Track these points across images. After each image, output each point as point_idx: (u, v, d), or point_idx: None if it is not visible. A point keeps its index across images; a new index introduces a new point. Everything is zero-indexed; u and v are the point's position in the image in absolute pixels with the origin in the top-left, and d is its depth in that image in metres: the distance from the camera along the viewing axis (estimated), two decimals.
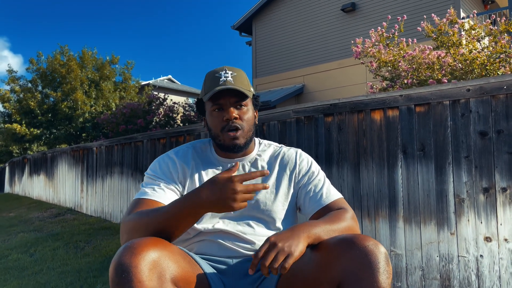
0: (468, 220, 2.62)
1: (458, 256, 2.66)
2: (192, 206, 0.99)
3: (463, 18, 8.43)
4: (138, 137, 6.74)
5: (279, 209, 1.23)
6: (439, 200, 2.77)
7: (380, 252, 0.90)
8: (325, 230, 1.02)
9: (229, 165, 1.26)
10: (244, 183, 0.96)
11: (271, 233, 1.20)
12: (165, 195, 1.20)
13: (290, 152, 1.36)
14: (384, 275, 0.88)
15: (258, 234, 1.19)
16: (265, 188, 1.00)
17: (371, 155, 3.20)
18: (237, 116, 1.22)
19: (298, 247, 0.93)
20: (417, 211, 2.89)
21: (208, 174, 1.25)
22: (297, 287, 1.00)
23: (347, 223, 1.11)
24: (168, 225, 1.01)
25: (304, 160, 1.34)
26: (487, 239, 2.53)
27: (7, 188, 18.93)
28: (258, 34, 13.41)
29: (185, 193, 1.21)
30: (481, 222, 2.55)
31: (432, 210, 2.81)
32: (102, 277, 4.18)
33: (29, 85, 14.10)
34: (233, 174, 0.97)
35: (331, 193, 1.25)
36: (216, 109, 1.23)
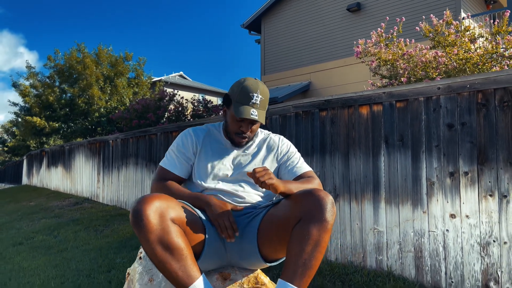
0: (437, 200, 3.04)
1: (429, 231, 3.08)
2: (197, 203, 1.59)
3: (463, 18, 8.75)
4: (152, 130, 7.24)
5: None
6: (414, 184, 3.20)
7: (329, 199, 1.34)
8: (296, 187, 1.47)
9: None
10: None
11: (257, 191, 1.65)
12: (179, 166, 1.68)
13: (275, 137, 1.80)
14: (330, 213, 1.32)
15: (248, 192, 1.64)
16: (235, 233, 1.51)
17: (358, 146, 3.63)
18: (250, 131, 1.67)
19: (279, 185, 1.39)
20: (396, 193, 3.32)
21: (214, 149, 1.70)
22: (274, 222, 1.44)
23: (313, 185, 1.55)
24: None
25: (285, 144, 1.78)
26: (452, 216, 2.95)
27: (25, 180, 19.68)
28: (266, 33, 13.83)
29: (196, 160, 1.68)
30: (448, 202, 2.98)
31: (408, 193, 3.23)
32: (121, 253, 4.68)
33: (47, 80, 14.74)
34: (230, 209, 1.55)
35: (303, 167, 1.69)
36: (239, 121, 1.65)
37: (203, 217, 1.55)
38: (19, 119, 16.81)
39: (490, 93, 2.78)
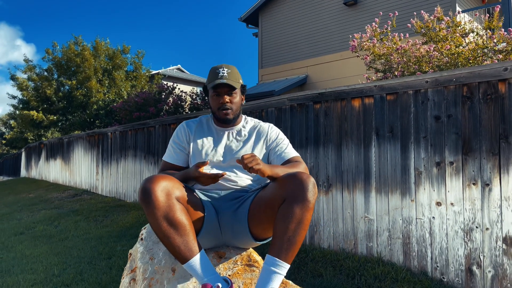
0: (424, 189, 3.18)
1: (416, 218, 3.23)
2: (186, 176, 1.69)
3: (458, 12, 8.85)
4: (151, 122, 7.36)
5: None
6: (403, 173, 3.34)
7: (310, 181, 1.47)
8: (282, 171, 1.59)
9: (222, 133, 1.86)
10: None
11: (248, 176, 1.78)
12: (176, 156, 1.88)
13: (265, 125, 1.94)
14: (311, 193, 1.45)
15: (240, 176, 1.76)
16: (222, 175, 1.61)
17: (351, 137, 3.76)
18: (228, 101, 1.79)
19: (266, 170, 1.52)
20: (386, 183, 3.46)
21: (206, 137, 1.84)
22: (262, 203, 1.57)
23: (299, 169, 1.68)
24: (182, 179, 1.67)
25: (274, 131, 1.91)
26: (438, 204, 3.09)
27: (23, 173, 19.78)
28: (264, 26, 13.90)
29: (191, 149, 1.82)
30: (434, 190, 3.12)
31: (397, 182, 3.37)
32: (121, 242, 4.82)
33: (45, 73, 14.79)
34: (201, 171, 1.61)
35: (291, 153, 1.82)
36: (215, 95, 1.81)
37: (203, 198, 1.69)
38: (17, 112, 16.86)
39: (475, 87, 2.91)
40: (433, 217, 3.12)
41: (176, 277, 1.64)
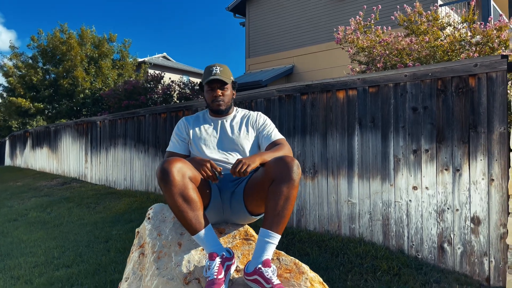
0: (402, 175, 3.46)
1: (395, 201, 3.51)
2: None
3: (440, 5, 9.14)
4: (141, 111, 7.49)
5: (247, 145, 2.07)
6: (383, 160, 3.61)
7: (294, 163, 1.71)
8: (269, 156, 1.84)
9: (218, 121, 2.10)
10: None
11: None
12: (179, 146, 2.10)
13: (254, 113, 2.20)
14: (295, 174, 1.69)
15: (235, 159, 2.01)
16: (219, 174, 1.82)
17: (335, 127, 4.02)
18: (221, 94, 2.08)
19: (254, 163, 1.76)
20: (368, 169, 3.73)
21: (203, 127, 2.09)
22: (255, 184, 1.82)
23: (283, 152, 1.94)
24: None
25: (261, 117, 2.18)
26: (414, 188, 3.38)
27: (7, 161, 19.61)
28: (251, 16, 14.01)
29: (191, 136, 2.07)
30: (411, 176, 3.40)
31: (378, 168, 3.65)
32: (116, 227, 5.02)
33: (30, 61, 14.64)
34: (209, 161, 1.82)
35: (277, 136, 2.09)
36: (209, 89, 2.10)
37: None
38: (0, 100, 16.67)
39: (448, 81, 3.18)
40: (410, 200, 3.41)
41: (182, 249, 1.87)
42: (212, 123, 2.14)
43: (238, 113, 2.20)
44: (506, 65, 2.94)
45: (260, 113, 2.20)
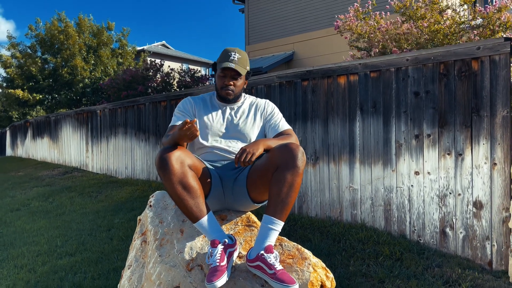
0: (404, 160, 3.45)
1: (397, 187, 3.51)
2: (174, 138, 1.77)
3: None
4: (141, 100, 7.46)
5: (253, 133, 2.03)
6: (385, 146, 3.59)
7: (299, 150, 1.69)
8: (274, 142, 1.81)
9: (224, 108, 2.06)
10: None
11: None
12: (184, 119, 2.02)
13: (261, 101, 2.15)
14: (300, 161, 1.67)
15: (239, 147, 1.98)
16: (191, 123, 1.65)
17: (337, 112, 3.99)
18: (232, 84, 1.99)
19: (258, 150, 1.72)
20: (369, 155, 3.72)
21: (209, 111, 2.04)
22: (258, 171, 1.79)
23: (290, 141, 1.90)
24: (174, 142, 1.77)
25: (270, 106, 2.13)
26: (416, 173, 3.37)
27: (8, 151, 19.65)
28: (250, 2, 13.85)
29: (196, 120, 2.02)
30: (413, 161, 3.39)
31: (380, 154, 3.63)
32: (118, 215, 5.03)
33: (28, 50, 14.53)
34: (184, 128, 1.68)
35: (284, 126, 2.05)
36: (222, 75, 2.01)
37: (210, 167, 1.90)
38: (0, 90, 16.60)
39: (451, 64, 3.14)
40: (412, 185, 3.40)
41: (184, 236, 1.87)
42: (219, 109, 2.08)
43: (246, 100, 2.14)
44: (509, 48, 2.90)
45: (268, 101, 2.15)
